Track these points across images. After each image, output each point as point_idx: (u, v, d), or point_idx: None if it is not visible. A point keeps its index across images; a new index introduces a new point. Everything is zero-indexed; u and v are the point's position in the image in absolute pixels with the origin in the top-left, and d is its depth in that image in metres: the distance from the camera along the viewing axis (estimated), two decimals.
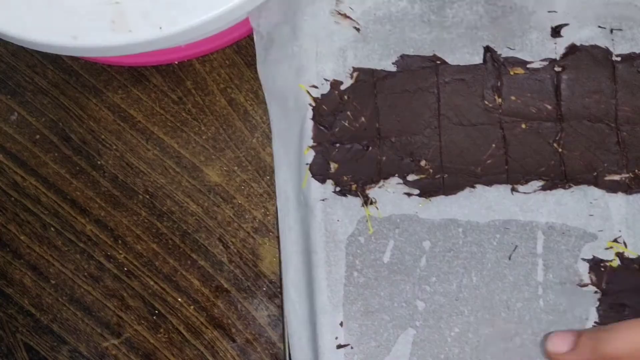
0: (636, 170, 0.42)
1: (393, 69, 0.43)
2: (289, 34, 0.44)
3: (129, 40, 0.41)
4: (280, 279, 0.45)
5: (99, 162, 0.49)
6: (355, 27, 0.44)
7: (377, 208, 0.43)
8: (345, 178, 0.43)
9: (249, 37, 0.49)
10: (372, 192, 0.43)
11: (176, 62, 0.49)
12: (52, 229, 0.49)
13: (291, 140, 0.44)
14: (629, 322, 0.35)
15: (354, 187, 0.43)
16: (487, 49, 0.43)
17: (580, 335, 0.37)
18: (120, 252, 0.48)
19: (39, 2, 0.42)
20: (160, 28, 0.41)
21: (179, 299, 0.47)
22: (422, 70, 0.43)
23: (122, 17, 0.41)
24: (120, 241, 0.48)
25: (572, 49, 0.42)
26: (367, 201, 0.43)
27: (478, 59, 0.43)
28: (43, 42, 0.42)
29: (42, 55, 0.50)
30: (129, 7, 0.41)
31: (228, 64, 0.49)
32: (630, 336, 0.34)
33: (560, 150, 0.42)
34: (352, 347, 0.41)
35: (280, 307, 0.46)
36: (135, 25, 0.41)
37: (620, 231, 0.41)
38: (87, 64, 0.50)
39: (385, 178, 0.43)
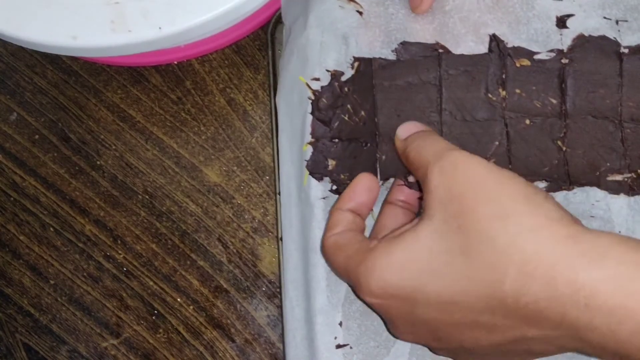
0: (638, 171, 0.41)
1: (394, 57, 0.42)
2: (301, 25, 0.43)
3: (128, 41, 0.41)
4: (280, 278, 0.45)
5: (98, 162, 0.49)
6: (358, 11, 0.42)
7: (372, 210, 0.42)
8: (342, 176, 0.42)
9: (249, 37, 0.49)
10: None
11: (175, 62, 0.49)
12: (52, 229, 0.49)
13: (294, 136, 0.43)
14: (429, 138, 0.38)
15: None
16: (494, 37, 0.41)
17: (418, 132, 0.39)
18: (120, 252, 0.48)
19: (38, 2, 0.42)
20: (160, 28, 0.41)
21: (178, 299, 0.47)
22: (424, 60, 0.42)
23: (121, 17, 0.41)
24: (119, 241, 0.48)
25: (581, 40, 0.41)
26: None
27: (483, 48, 0.42)
28: (43, 42, 0.42)
29: (42, 55, 0.50)
30: (128, 7, 0.41)
31: (227, 64, 0.49)
32: (419, 147, 0.37)
33: (564, 148, 0.41)
34: (351, 347, 0.41)
35: (280, 307, 0.46)
36: (134, 26, 0.41)
37: (619, 232, 0.41)
38: (87, 64, 0.50)
39: (386, 179, 0.42)
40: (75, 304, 0.48)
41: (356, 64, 0.42)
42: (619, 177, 0.41)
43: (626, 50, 0.41)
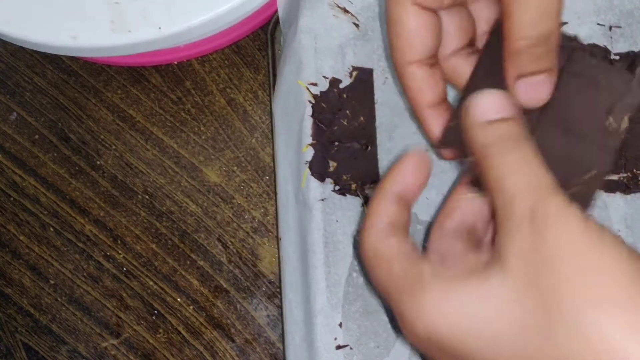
0: (634, 170, 0.41)
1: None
2: (293, 31, 0.44)
3: (128, 41, 0.41)
4: (280, 279, 0.45)
5: (98, 162, 0.49)
6: (354, 23, 0.43)
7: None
8: (344, 177, 0.43)
9: (248, 37, 0.49)
10: (372, 192, 0.43)
11: (175, 62, 0.49)
12: (51, 229, 0.49)
13: (291, 139, 0.44)
14: (521, 157, 0.30)
15: (353, 186, 0.42)
16: None
17: (506, 132, 0.31)
18: (120, 252, 0.48)
19: (38, 2, 0.42)
20: (160, 28, 0.41)
21: (178, 299, 0.47)
22: None
23: (121, 17, 0.41)
24: (119, 241, 0.48)
25: (572, 49, 0.42)
26: (367, 201, 0.42)
27: None
28: (42, 42, 0.42)
29: (41, 55, 0.50)
30: (128, 8, 0.41)
31: (227, 64, 0.49)
32: (505, 166, 0.30)
33: None
34: (351, 348, 0.41)
35: (280, 307, 0.46)
36: (134, 26, 0.41)
37: (619, 230, 0.41)
38: (86, 64, 0.50)
39: None
40: (75, 304, 0.48)
41: (355, 73, 0.42)
42: (614, 177, 0.41)
43: (617, 57, 0.41)
